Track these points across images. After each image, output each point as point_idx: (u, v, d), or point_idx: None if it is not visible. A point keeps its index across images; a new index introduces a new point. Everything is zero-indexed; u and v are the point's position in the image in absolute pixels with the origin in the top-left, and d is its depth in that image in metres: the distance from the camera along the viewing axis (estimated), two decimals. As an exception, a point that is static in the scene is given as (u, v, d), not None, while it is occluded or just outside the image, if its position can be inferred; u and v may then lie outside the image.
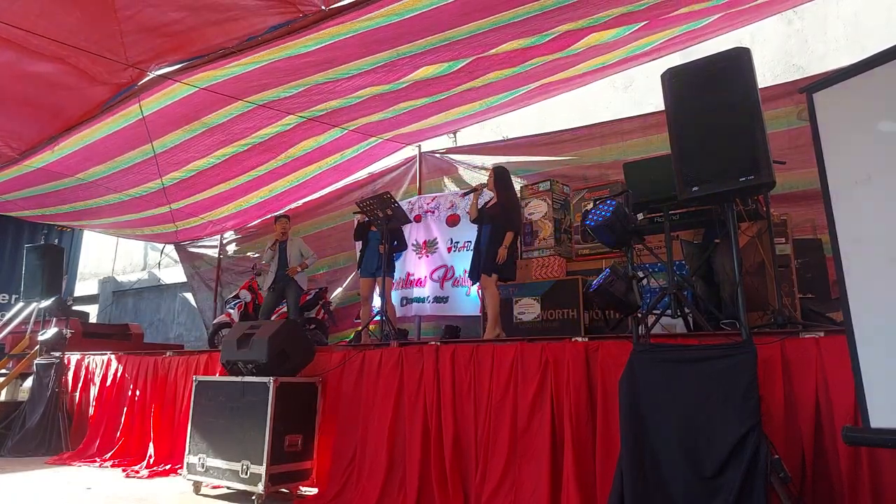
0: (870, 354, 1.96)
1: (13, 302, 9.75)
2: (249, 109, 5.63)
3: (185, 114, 5.61)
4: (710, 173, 2.75)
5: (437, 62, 4.92)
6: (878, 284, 1.98)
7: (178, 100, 5.30)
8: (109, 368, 6.32)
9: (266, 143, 6.41)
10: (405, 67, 4.96)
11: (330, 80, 5.10)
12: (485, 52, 4.81)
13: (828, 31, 5.85)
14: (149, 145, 6.01)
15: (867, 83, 2.07)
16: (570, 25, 4.48)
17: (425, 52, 4.72)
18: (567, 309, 4.88)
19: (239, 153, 6.56)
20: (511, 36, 4.59)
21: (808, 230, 4.67)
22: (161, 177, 6.72)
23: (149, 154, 6.27)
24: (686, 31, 5.10)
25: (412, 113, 6.14)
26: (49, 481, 4.84)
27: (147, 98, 5.18)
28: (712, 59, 2.84)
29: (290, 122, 6.02)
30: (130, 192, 7.43)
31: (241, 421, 4.29)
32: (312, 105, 5.66)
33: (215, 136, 6.12)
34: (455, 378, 3.84)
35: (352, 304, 7.80)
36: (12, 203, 8.20)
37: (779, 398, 2.73)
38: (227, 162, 6.74)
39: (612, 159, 5.89)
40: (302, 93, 5.34)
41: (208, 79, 4.94)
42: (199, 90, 5.09)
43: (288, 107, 5.67)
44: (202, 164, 6.74)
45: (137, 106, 5.28)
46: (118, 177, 6.97)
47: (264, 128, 6.07)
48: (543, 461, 3.31)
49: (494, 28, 4.45)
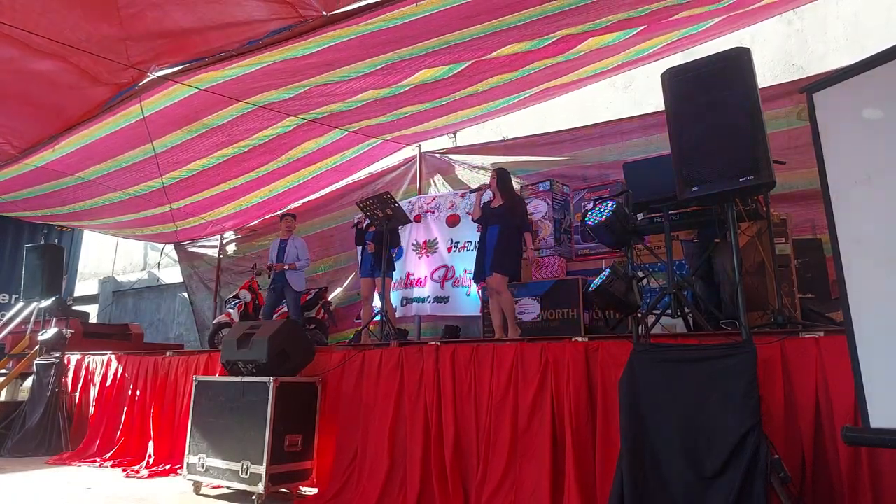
0: (870, 354, 1.96)
1: (13, 302, 9.75)
2: (250, 111, 5.63)
3: (185, 114, 5.61)
4: (710, 173, 2.74)
5: (438, 65, 4.92)
6: (878, 284, 1.98)
7: (178, 101, 5.30)
8: (109, 368, 6.32)
9: (266, 145, 6.41)
10: (405, 70, 4.96)
11: (330, 82, 5.10)
12: (485, 55, 4.81)
13: (828, 31, 5.86)
14: (149, 145, 6.02)
15: (867, 83, 2.07)
16: (570, 30, 4.48)
17: (426, 55, 4.72)
18: (567, 309, 4.89)
19: (239, 154, 6.57)
20: (511, 39, 4.59)
21: (808, 230, 4.67)
22: (161, 175, 6.72)
23: (149, 153, 6.27)
24: (685, 36, 5.11)
25: (413, 117, 6.14)
26: (49, 481, 4.84)
27: (148, 98, 5.18)
28: (712, 59, 2.84)
29: (291, 124, 6.02)
30: (130, 190, 7.43)
31: (241, 421, 4.29)
32: (313, 107, 5.66)
33: (216, 136, 6.12)
34: (455, 378, 3.84)
35: (351, 304, 7.81)
36: (12, 204, 8.20)
37: (779, 398, 2.73)
38: (227, 162, 6.75)
39: (612, 159, 5.89)
40: (302, 94, 5.34)
41: (209, 80, 4.94)
42: (200, 91, 5.10)
43: (288, 108, 5.67)
44: (202, 164, 6.74)
45: (138, 106, 5.27)
46: (118, 175, 6.97)
47: (265, 129, 6.07)
48: (544, 461, 3.31)
49: (494, 32, 4.45)
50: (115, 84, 4.89)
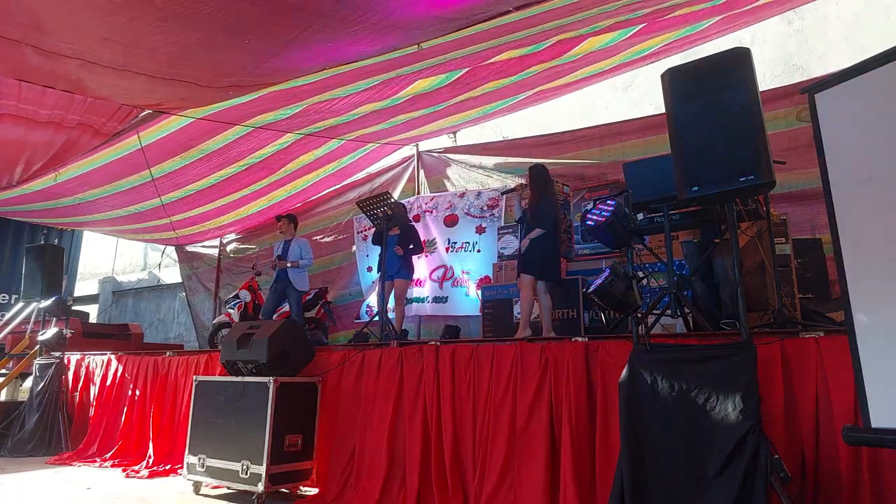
0: (870, 354, 1.96)
1: (13, 302, 9.74)
2: (247, 132, 5.64)
3: (182, 142, 5.65)
4: (710, 173, 2.74)
5: (434, 74, 4.92)
6: (878, 284, 1.98)
7: (174, 131, 5.34)
8: (109, 368, 6.32)
9: (264, 162, 6.45)
10: (402, 83, 4.97)
11: (327, 99, 5.11)
12: (482, 62, 4.80)
13: (828, 31, 5.85)
14: (147, 171, 6.10)
15: (868, 84, 2.07)
16: (567, 34, 4.46)
17: (421, 70, 4.73)
18: (567, 309, 4.88)
19: (237, 173, 6.63)
20: (507, 48, 4.58)
21: (808, 230, 4.67)
22: (160, 196, 6.76)
23: (147, 179, 6.36)
24: (685, 36, 5.09)
25: (410, 123, 6.14)
26: (49, 481, 4.84)
27: (144, 130, 5.25)
28: (712, 60, 2.84)
29: (288, 140, 6.02)
30: (130, 208, 7.51)
31: (241, 421, 4.28)
32: (310, 123, 5.66)
33: (213, 160, 6.17)
34: (455, 378, 3.84)
35: (350, 302, 7.80)
36: (13, 213, 8.24)
37: (779, 398, 2.73)
38: (225, 182, 6.83)
39: (612, 160, 5.88)
40: (300, 113, 5.35)
41: (205, 110, 4.96)
42: (196, 120, 5.14)
43: (286, 127, 5.67)
44: (201, 185, 6.81)
45: (135, 137, 5.36)
46: (117, 197, 7.07)
47: (262, 148, 6.08)
48: (542, 461, 3.30)
49: (490, 49, 4.46)
50: (106, 134, 5.02)
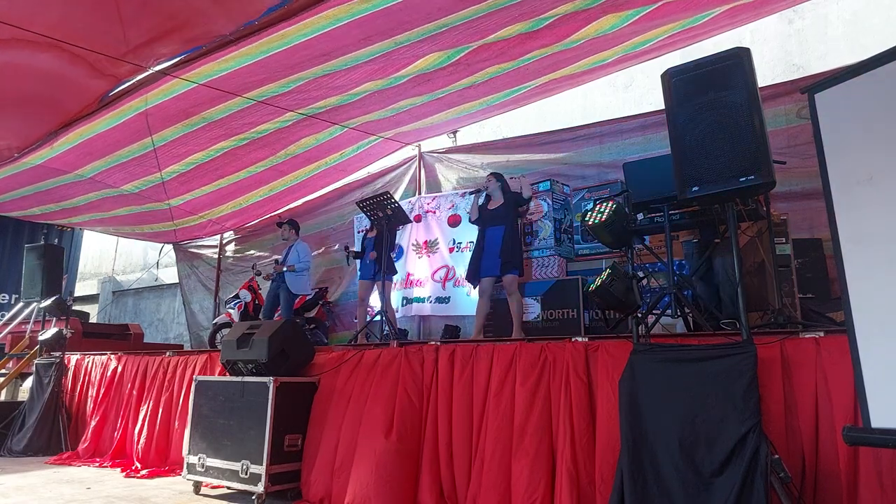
0: (870, 354, 1.96)
1: (13, 302, 9.75)
2: (248, 106, 5.63)
3: (184, 108, 5.61)
4: (710, 173, 2.74)
5: (435, 51, 4.85)
6: (878, 284, 1.98)
7: (176, 95, 5.31)
8: (109, 368, 6.32)
9: (265, 139, 6.41)
10: (403, 58, 4.91)
11: (327, 73, 5.07)
12: (483, 38, 4.75)
13: (828, 31, 5.86)
14: (148, 139, 6.03)
15: (868, 83, 2.07)
16: (569, 6, 4.42)
17: (422, 40, 4.66)
18: (567, 309, 4.89)
19: (237, 147, 6.56)
20: (508, 20, 4.53)
21: (808, 230, 4.67)
22: (160, 169, 6.71)
23: (148, 148, 6.28)
24: (687, 28, 5.07)
25: (412, 112, 6.12)
26: (49, 481, 4.84)
27: (149, 92, 5.19)
28: (712, 59, 2.84)
29: (289, 119, 6.01)
30: (128, 187, 7.43)
31: (240, 421, 4.29)
32: (311, 102, 5.65)
33: (214, 130, 6.12)
34: (454, 377, 3.83)
35: (350, 302, 7.81)
36: (11, 203, 8.19)
37: (779, 398, 2.72)
38: (225, 156, 6.73)
39: (612, 159, 5.88)
40: (300, 87, 5.31)
41: (207, 74, 4.94)
42: (198, 86, 5.10)
43: (286, 104, 5.66)
44: (201, 158, 6.73)
45: (138, 100, 5.29)
46: (116, 171, 6.98)
47: (262, 123, 6.06)
48: (542, 461, 3.30)
49: (491, 12, 4.39)
50: (113, 75, 4.87)
